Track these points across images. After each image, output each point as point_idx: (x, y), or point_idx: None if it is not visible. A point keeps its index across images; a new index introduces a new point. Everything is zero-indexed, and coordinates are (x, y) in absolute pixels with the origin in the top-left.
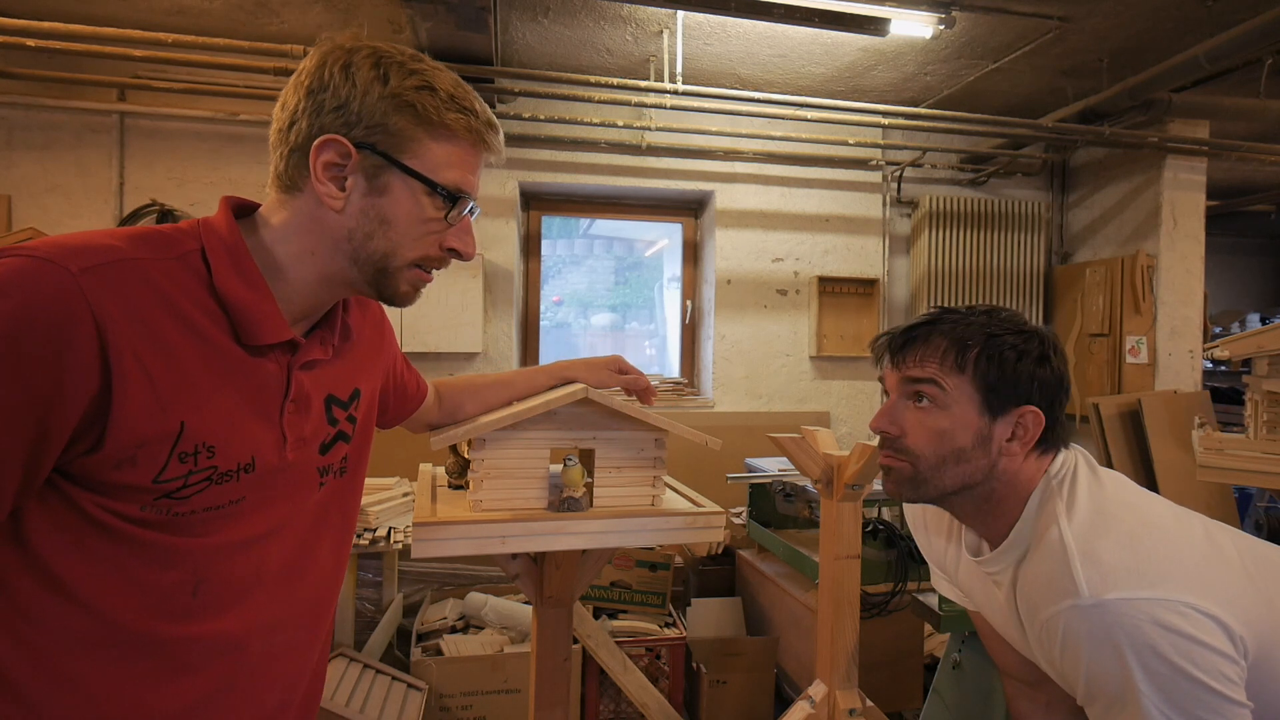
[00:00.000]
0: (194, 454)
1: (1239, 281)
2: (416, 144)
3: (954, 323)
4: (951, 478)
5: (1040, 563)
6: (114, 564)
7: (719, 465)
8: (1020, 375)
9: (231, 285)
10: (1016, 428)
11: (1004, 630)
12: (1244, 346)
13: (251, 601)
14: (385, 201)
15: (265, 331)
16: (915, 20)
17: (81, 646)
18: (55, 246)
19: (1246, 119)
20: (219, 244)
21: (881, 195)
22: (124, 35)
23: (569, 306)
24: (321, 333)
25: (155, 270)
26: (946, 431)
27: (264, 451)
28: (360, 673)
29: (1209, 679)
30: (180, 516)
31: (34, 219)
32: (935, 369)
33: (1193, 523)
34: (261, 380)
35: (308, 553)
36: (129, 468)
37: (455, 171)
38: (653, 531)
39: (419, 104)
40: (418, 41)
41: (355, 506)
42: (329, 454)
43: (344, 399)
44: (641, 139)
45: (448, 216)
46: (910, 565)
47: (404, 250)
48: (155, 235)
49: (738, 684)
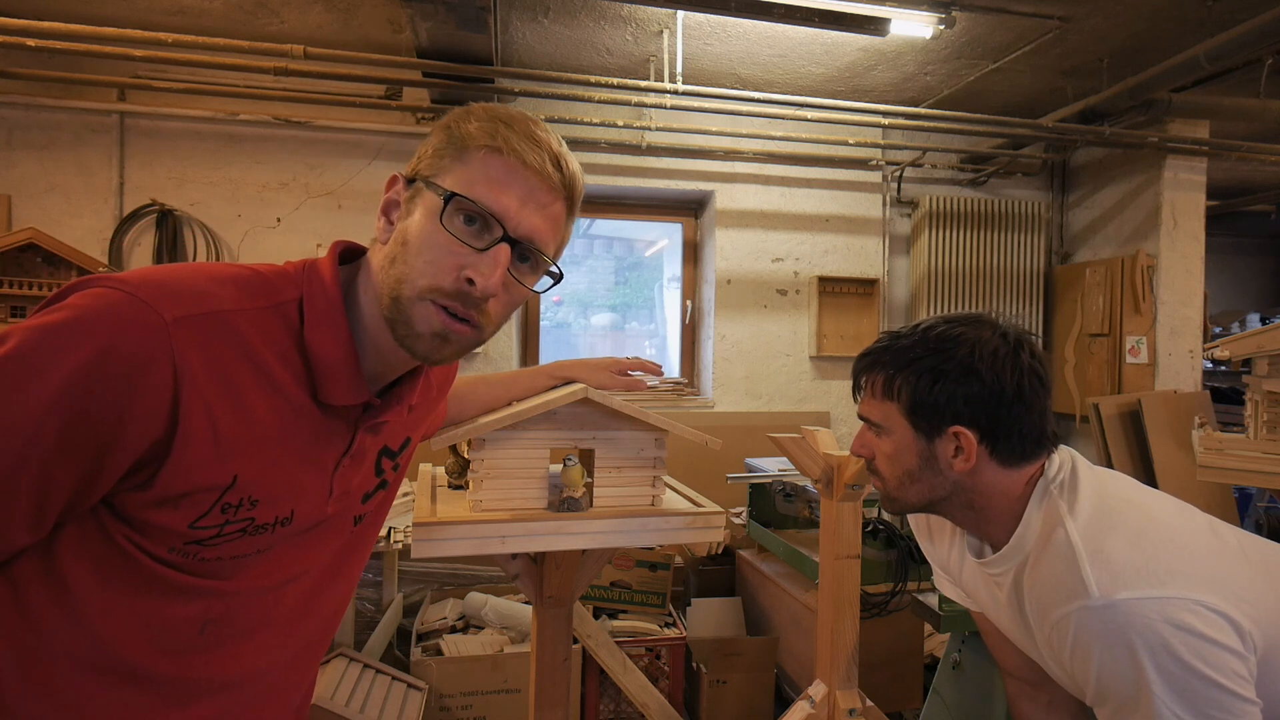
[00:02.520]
0: (237, 506)
1: (1239, 281)
2: (445, 160)
3: (889, 349)
4: (914, 495)
5: (1048, 564)
6: (129, 594)
7: (719, 465)
8: (938, 398)
9: (320, 341)
10: (956, 446)
11: (1007, 630)
12: (1244, 346)
13: (254, 642)
14: (409, 221)
15: (344, 392)
16: (915, 20)
17: (79, 668)
18: (155, 286)
19: (1246, 119)
20: (320, 295)
21: (881, 195)
22: (124, 35)
23: (569, 306)
24: (400, 392)
25: (246, 321)
26: (893, 455)
27: (305, 505)
28: (360, 673)
29: (1221, 677)
30: (205, 561)
31: (34, 219)
32: (870, 401)
33: (1196, 517)
34: (327, 436)
35: (319, 596)
36: (170, 510)
37: (481, 187)
38: (653, 531)
39: (454, 124)
40: (417, 41)
41: (372, 544)
42: (369, 502)
43: (395, 449)
44: (641, 139)
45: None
46: (910, 565)
47: (415, 274)
48: (257, 281)
49: (738, 684)
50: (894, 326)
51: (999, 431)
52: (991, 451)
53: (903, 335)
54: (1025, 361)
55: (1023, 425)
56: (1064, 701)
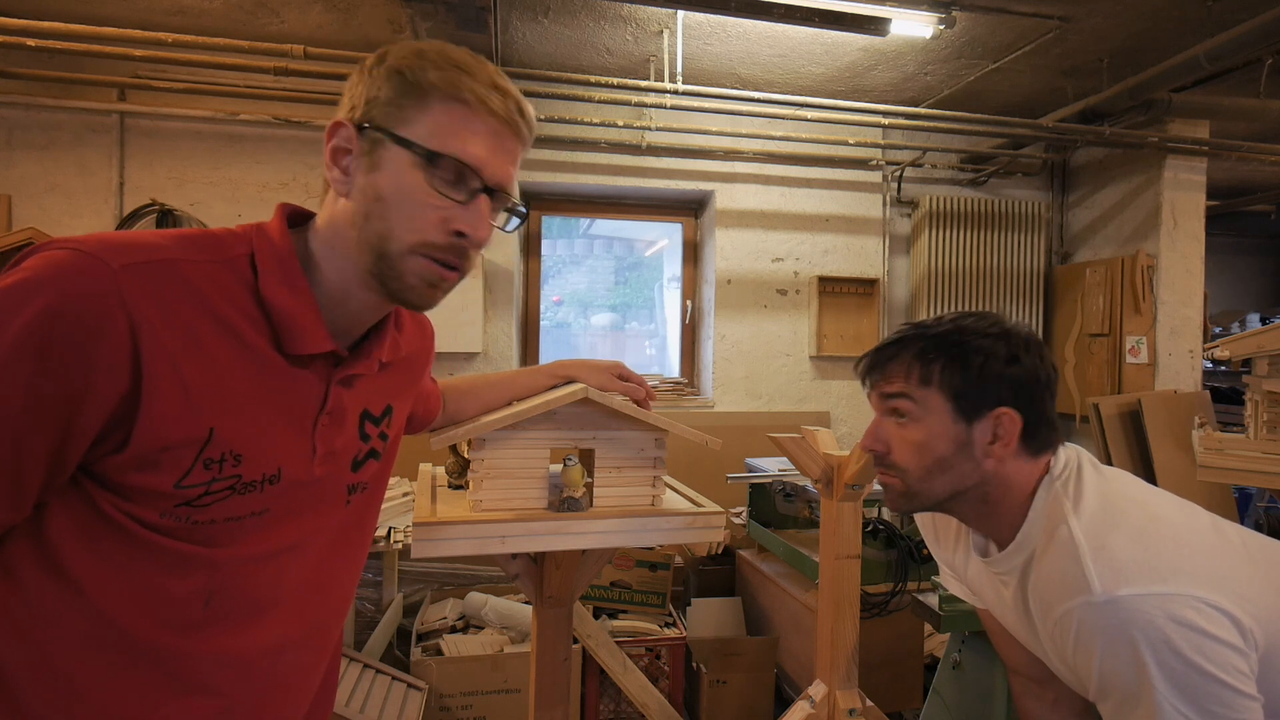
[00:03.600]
0: (220, 461)
1: (1239, 281)
2: (406, 110)
3: (920, 336)
4: (940, 486)
5: (1052, 561)
6: (127, 568)
7: (719, 465)
8: (988, 378)
9: (275, 291)
10: (995, 430)
11: (1013, 628)
12: (1244, 346)
13: (266, 620)
14: (379, 176)
15: (306, 341)
16: (915, 20)
17: (84, 649)
18: (98, 241)
19: (1246, 119)
20: (269, 249)
21: (881, 195)
22: (124, 35)
23: (569, 306)
24: (368, 346)
25: (199, 272)
26: (925, 443)
27: (291, 463)
28: (360, 673)
29: (1222, 673)
30: (199, 525)
31: (34, 219)
32: (903, 383)
33: (1199, 515)
34: (300, 390)
35: (327, 571)
36: (151, 470)
37: (455, 140)
38: (653, 531)
39: (406, 68)
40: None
41: (374, 525)
42: (361, 471)
43: (376, 414)
44: (642, 139)
45: (441, 187)
46: (910, 565)
47: (400, 231)
48: (206, 237)
49: (738, 684)
50: (894, 327)
51: (1034, 416)
52: (1024, 437)
53: (929, 325)
54: (1046, 354)
55: (1050, 413)
56: (1069, 699)
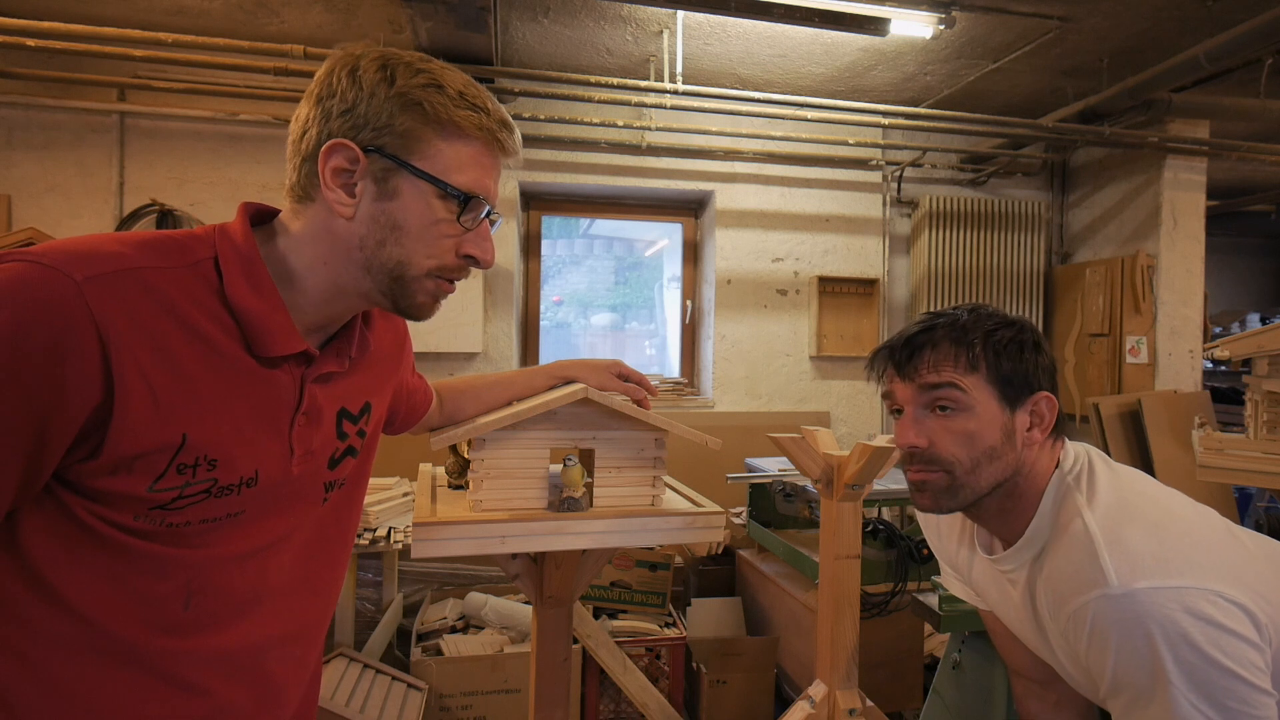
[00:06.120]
0: (194, 466)
1: (1239, 281)
2: (425, 144)
3: (950, 325)
4: (986, 477)
5: (1065, 555)
6: (106, 572)
7: (719, 465)
8: (1027, 364)
9: (242, 294)
10: (1033, 415)
11: (1018, 629)
12: (1244, 346)
13: (249, 618)
14: (395, 206)
15: (276, 342)
16: (915, 20)
17: (73, 655)
18: (60, 252)
19: (1246, 119)
20: (232, 252)
21: (881, 195)
22: (124, 35)
23: (569, 306)
24: (338, 344)
25: (165, 279)
26: (975, 433)
27: (269, 465)
28: (360, 673)
29: (1239, 668)
30: (174, 527)
31: (34, 219)
32: (950, 372)
33: (1212, 516)
34: (273, 392)
35: (308, 569)
36: (124, 475)
37: (469, 174)
38: (653, 531)
39: (426, 102)
40: (418, 41)
41: (355, 522)
42: (337, 469)
43: (354, 413)
44: (641, 139)
45: (460, 219)
46: (910, 565)
47: (418, 258)
48: (167, 242)
49: (738, 684)
50: (894, 327)
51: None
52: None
53: (946, 315)
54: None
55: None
56: (1071, 701)
